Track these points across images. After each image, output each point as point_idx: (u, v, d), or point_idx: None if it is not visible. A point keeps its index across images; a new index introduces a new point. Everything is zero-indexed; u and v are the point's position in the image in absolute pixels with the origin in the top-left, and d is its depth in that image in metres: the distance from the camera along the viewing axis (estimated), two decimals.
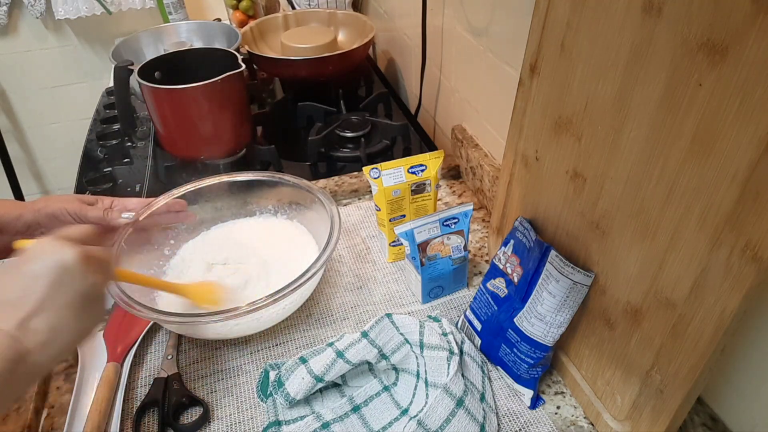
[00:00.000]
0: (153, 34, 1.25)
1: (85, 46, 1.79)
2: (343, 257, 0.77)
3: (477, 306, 0.61)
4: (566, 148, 0.52)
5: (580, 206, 0.52)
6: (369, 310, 0.68)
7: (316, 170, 0.98)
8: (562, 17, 0.49)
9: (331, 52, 1.13)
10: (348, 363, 0.55)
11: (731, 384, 0.49)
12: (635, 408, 0.49)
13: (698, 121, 0.37)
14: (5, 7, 1.63)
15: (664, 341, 0.45)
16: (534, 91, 0.56)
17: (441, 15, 0.94)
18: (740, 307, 0.38)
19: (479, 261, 0.76)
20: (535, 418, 0.56)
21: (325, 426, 0.54)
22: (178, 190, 0.70)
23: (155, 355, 0.64)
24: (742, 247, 0.36)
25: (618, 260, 0.48)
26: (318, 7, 1.39)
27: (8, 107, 1.85)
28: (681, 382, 0.43)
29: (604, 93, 0.46)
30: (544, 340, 0.53)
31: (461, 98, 0.93)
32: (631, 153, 0.44)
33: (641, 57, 0.41)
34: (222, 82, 0.87)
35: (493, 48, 0.77)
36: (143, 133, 1.09)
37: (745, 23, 0.33)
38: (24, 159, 1.97)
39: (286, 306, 0.62)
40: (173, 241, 0.73)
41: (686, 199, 0.40)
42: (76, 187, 0.96)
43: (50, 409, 0.58)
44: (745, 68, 0.34)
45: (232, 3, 1.47)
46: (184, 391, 0.59)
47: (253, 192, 0.76)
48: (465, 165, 0.90)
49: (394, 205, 0.70)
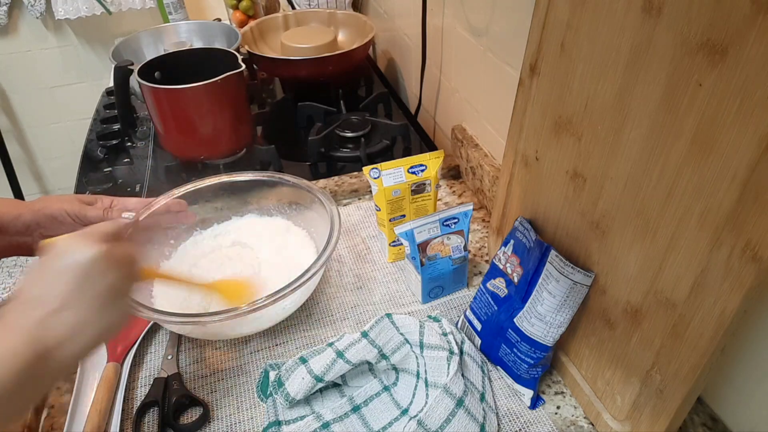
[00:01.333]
0: (153, 34, 1.25)
1: (85, 46, 1.79)
2: (343, 257, 0.77)
3: (477, 306, 0.61)
4: (566, 148, 0.52)
5: (580, 206, 0.52)
6: (369, 310, 0.68)
7: (316, 170, 0.98)
8: (562, 17, 0.49)
9: (331, 52, 1.13)
10: (348, 363, 0.55)
11: (731, 384, 0.49)
12: (635, 408, 0.49)
13: (698, 121, 0.37)
14: (5, 7, 1.63)
15: (664, 341, 0.45)
16: (534, 91, 0.56)
17: (441, 15, 0.94)
18: (740, 307, 0.38)
19: (479, 261, 0.76)
20: (535, 418, 0.56)
21: (325, 426, 0.54)
22: (178, 190, 0.70)
23: (155, 355, 0.64)
24: (742, 247, 0.36)
25: (618, 260, 0.48)
26: (318, 7, 1.39)
27: (8, 107, 1.85)
28: (681, 382, 0.43)
29: (604, 93, 0.46)
30: (544, 340, 0.53)
31: (461, 98, 0.93)
32: (631, 153, 0.44)
33: (641, 57, 0.41)
34: (222, 82, 0.87)
35: (493, 48, 0.77)
36: (143, 133, 1.09)
37: (745, 23, 0.33)
38: (24, 159, 1.97)
39: (286, 306, 0.62)
40: (173, 240, 0.73)
41: (686, 199, 0.40)
42: (76, 187, 0.96)
43: (50, 409, 0.58)
44: (745, 68, 0.34)
45: (232, 3, 1.47)
46: (184, 391, 0.59)
47: (253, 192, 0.76)
48: (465, 165, 0.90)
49: (394, 205, 0.70)
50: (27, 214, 0.57)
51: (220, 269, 0.69)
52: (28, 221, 0.57)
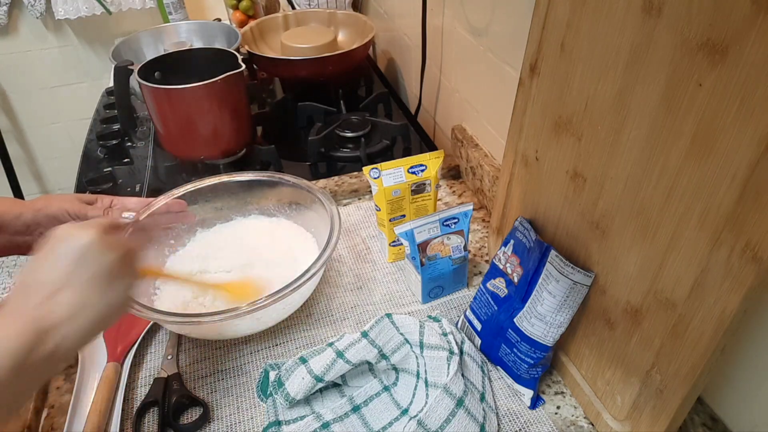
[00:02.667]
0: (153, 34, 1.25)
1: (85, 46, 1.79)
2: (343, 257, 0.77)
3: (477, 306, 0.61)
4: (566, 148, 0.52)
5: (580, 206, 0.52)
6: (369, 310, 0.68)
7: (316, 170, 0.98)
8: (562, 17, 0.49)
9: (331, 52, 1.13)
10: (348, 363, 0.55)
11: (731, 384, 0.49)
12: (635, 408, 0.49)
13: (698, 121, 0.37)
14: (5, 7, 1.63)
15: (664, 341, 0.45)
16: (534, 91, 0.56)
17: (441, 15, 0.94)
18: (740, 307, 0.38)
19: (479, 261, 0.76)
20: (535, 418, 0.56)
21: (325, 426, 0.54)
22: (178, 190, 0.70)
23: (155, 355, 0.64)
24: (742, 247, 0.36)
25: (618, 260, 0.48)
26: (318, 7, 1.39)
27: (8, 107, 1.85)
28: (681, 382, 0.43)
29: (604, 93, 0.46)
30: (544, 340, 0.53)
31: (461, 98, 0.93)
32: (631, 153, 0.44)
33: (641, 57, 0.41)
34: (222, 82, 0.87)
35: (493, 48, 0.77)
36: (143, 133, 1.09)
37: (745, 23, 0.33)
38: (24, 159, 1.97)
39: (286, 306, 0.62)
40: (173, 240, 0.73)
41: (686, 199, 0.40)
42: (76, 187, 0.96)
43: (50, 409, 0.58)
44: (745, 68, 0.34)
45: (232, 3, 1.47)
46: (184, 391, 0.58)
47: (253, 192, 0.76)
48: (465, 165, 0.90)
49: (394, 205, 0.70)
50: (27, 214, 0.57)
51: (221, 269, 0.69)
52: (28, 221, 0.57)
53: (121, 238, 0.46)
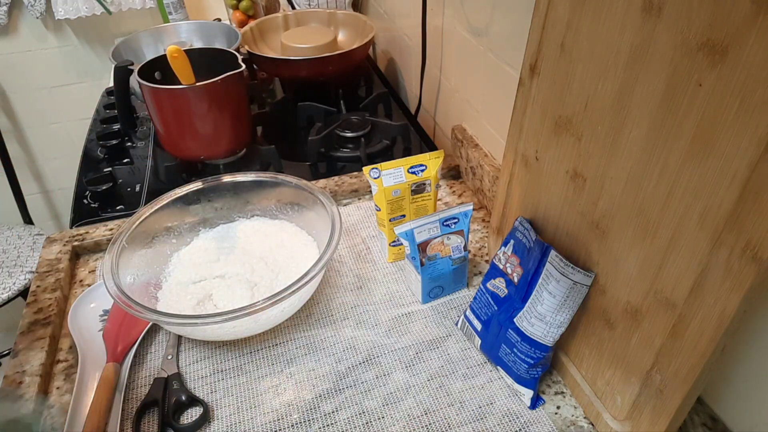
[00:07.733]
0: (153, 34, 1.25)
1: (85, 46, 1.79)
2: (343, 257, 0.77)
3: (477, 306, 0.61)
4: (566, 148, 0.52)
5: (580, 206, 0.52)
6: (369, 310, 0.68)
7: (316, 170, 0.98)
8: (562, 17, 0.49)
9: (331, 52, 1.13)
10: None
11: (731, 384, 0.49)
12: (635, 408, 0.49)
13: (698, 121, 0.37)
14: (5, 7, 1.63)
15: (664, 341, 0.45)
16: (534, 91, 0.56)
17: (441, 15, 0.94)
18: (740, 307, 0.38)
19: (479, 261, 0.76)
20: (535, 418, 0.56)
21: None
22: (178, 190, 0.70)
23: (155, 355, 0.64)
24: (742, 247, 0.36)
25: (618, 260, 0.48)
26: (318, 7, 1.39)
27: (8, 107, 1.85)
28: (681, 382, 0.43)
29: (604, 93, 0.46)
30: (544, 340, 0.53)
31: (461, 98, 0.93)
32: (631, 153, 0.44)
33: (641, 57, 0.41)
34: (222, 82, 0.87)
35: (493, 48, 0.77)
36: (143, 133, 1.09)
37: (745, 23, 0.33)
38: (24, 159, 1.97)
39: (286, 308, 0.62)
40: (174, 240, 0.73)
41: (686, 199, 0.40)
42: (76, 187, 0.96)
43: (50, 409, 0.58)
44: (745, 68, 0.34)
45: (232, 3, 1.47)
46: (184, 391, 0.59)
47: (254, 192, 0.76)
48: (465, 165, 0.90)
49: (394, 205, 0.70)
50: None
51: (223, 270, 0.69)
52: None
53: None
